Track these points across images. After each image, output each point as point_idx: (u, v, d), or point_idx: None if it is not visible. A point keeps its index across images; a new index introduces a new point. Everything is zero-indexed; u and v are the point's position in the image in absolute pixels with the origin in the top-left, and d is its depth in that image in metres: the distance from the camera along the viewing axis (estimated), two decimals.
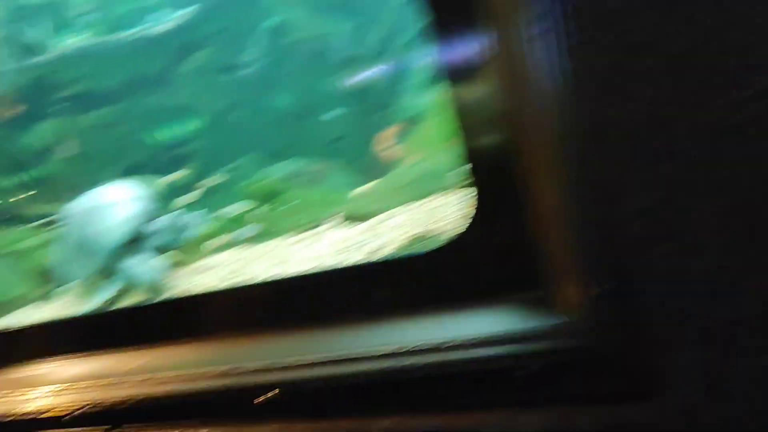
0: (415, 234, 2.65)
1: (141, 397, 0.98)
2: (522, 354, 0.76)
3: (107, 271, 3.12)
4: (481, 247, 0.92)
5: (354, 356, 0.87)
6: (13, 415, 1.07)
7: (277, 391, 0.89)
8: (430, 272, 0.98)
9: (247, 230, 3.68)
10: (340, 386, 0.86)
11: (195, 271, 3.36)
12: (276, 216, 3.73)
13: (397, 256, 2.22)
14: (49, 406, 1.04)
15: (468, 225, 0.92)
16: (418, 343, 0.82)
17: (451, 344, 0.80)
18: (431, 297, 0.97)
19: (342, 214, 3.37)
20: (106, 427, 1.02)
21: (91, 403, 1.01)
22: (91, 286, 3.23)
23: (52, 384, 1.08)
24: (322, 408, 0.88)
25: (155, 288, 3.02)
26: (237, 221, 3.84)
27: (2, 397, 1.11)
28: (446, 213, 2.70)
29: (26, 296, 3.71)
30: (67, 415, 1.02)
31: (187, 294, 1.13)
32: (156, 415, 0.99)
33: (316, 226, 3.41)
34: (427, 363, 0.80)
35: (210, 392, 0.94)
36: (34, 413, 1.05)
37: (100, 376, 1.05)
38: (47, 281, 3.69)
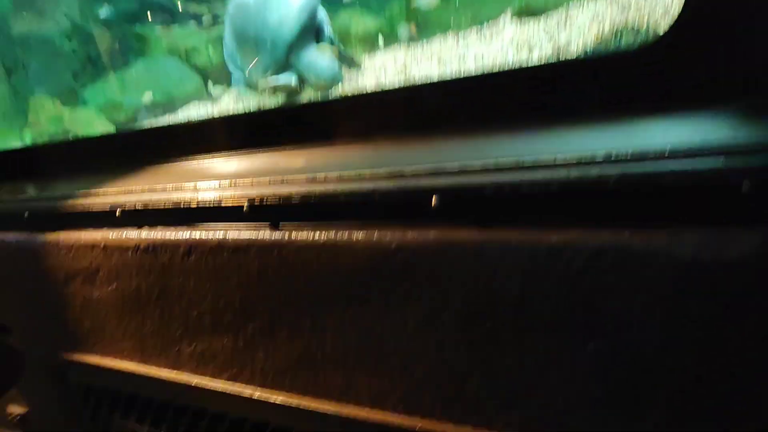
0: (611, 28, 2.30)
1: (301, 196, 0.95)
2: (738, 167, 0.64)
3: (277, 66, 2.93)
4: (688, 46, 0.74)
5: (530, 164, 0.76)
6: (180, 202, 1.10)
7: (436, 197, 0.81)
8: (625, 73, 0.82)
9: (414, 28, 3.41)
10: (509, 195, 0.76)
11: (363, 69, 3.20)
12: (449, 10, 3.45)
13: (587, 54, 1.97)
14: (213, 200, 1.05)
15: (676, 19, 0.74)
16: (610, 152, 0.69)
17: (653, 154, 0.66)
18: (625, 101, 0.82)
19: (521, 5, 3.01)
20: (265, 223, 1.01)
21: (255, 198, 1.00)
22: (259, 82, 3.09)
23: (216, 179, 1.09)
24: (486, 217, 0.80)
25: (323, 84, 2.81)
26: (406, 16, 3.60)
27: (169, 189, 1.14)
28: (649, 4, 2.29)
29: (193, 93, 3.69)
30: (230, 208, 1.03)
31: (352, 92, 1.04)
32: (314, 215, 0.96)
33: (494, 20, 3.08)
34: (622, 174, 0.67)
35: (371, 194, 0.88)
36: (200, 202, 1.07)
37: (262, 174, 1.03)
38: (214, 78, 3.68)
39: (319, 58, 2.76)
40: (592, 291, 0.75)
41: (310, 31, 2.83)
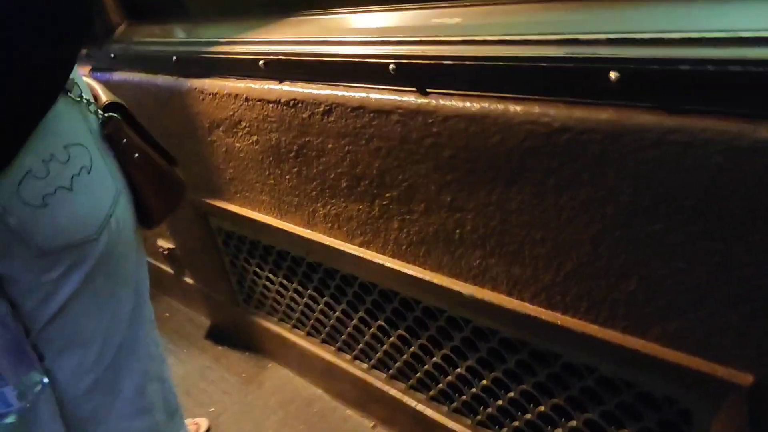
0: None
1: (454, 58, 0.84)
2: None
3: None
4: None
5: (747, 36, 0.60)
6: (324, 56, 1.03)
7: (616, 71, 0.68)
8: None
9: None
10: (712, 75, 0.62)
11: None
12: None
13: None
14: (357, 56, 0.97)
15: None
16: None
17: None
18: None
19: None
20: (411, 87, 0.93)
21: (403, 57, 0.91)
22: None
23: (361, 34, 1.00)
24: (676, 100, 0.66)
25: None
26: None
27: (312, 42, 1.06)
28: None
29: None
30: (375, 66, 0.94)
31: None
32: (468, 83, 0.85)
33: None
34: None
35: (536, 62, 0.76)
36: (344, 58, 1.00)
37: (412, 32, 0.92)
38: None
39: None
40: None
41: None
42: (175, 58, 1.37)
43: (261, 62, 1.17)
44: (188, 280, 2.01)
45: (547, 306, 0.92)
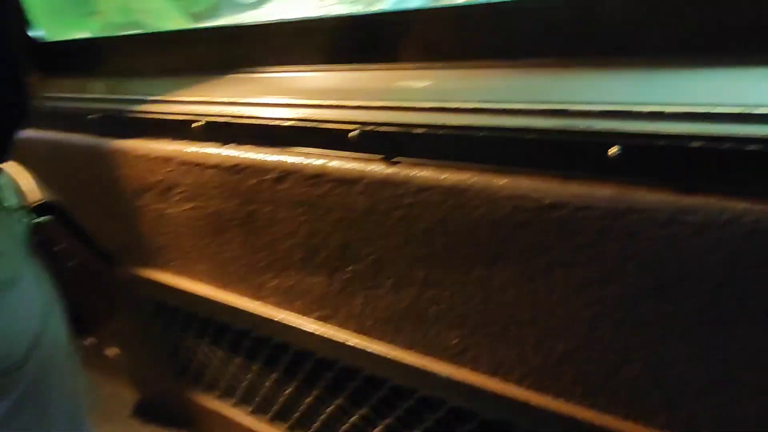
0: None
1: (425, 128, 0.77)
2: None
3: None
4: None
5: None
6: (274, 119, 0.93)
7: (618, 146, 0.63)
8: None
9: None
10: (725, 152, 0.57)
11: None
12: None
13: None
14: (314, 121, 0.88)
15: None
16: None
17: None
18: None
19: None
20: (379, 156, 0.85)
21: (368, 124, 0.83)
22: None
23: (318, 96, 0.91)
24: (682, 176, 0.61)
25: None
26: None
27: (259, 104, 0.97)
28: None
29: None
30: (334, 132, 0.86)
31: (482, 1, 0.83)
32: (442, 153, 0.78)
33: None
34: None
35: (522, 133, 0.70)
36: (299, 122, 0.90)
37: (376, 95, 0.84)
38: None
39: None
40: None
41: None
42: (97, 116, 1.24)
43: (198, 123, 1.06)
44: (112, 351, 1.82)
45: (537, 389, 0.84)
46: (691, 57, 0.68)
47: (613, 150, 0.64)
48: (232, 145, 1.04)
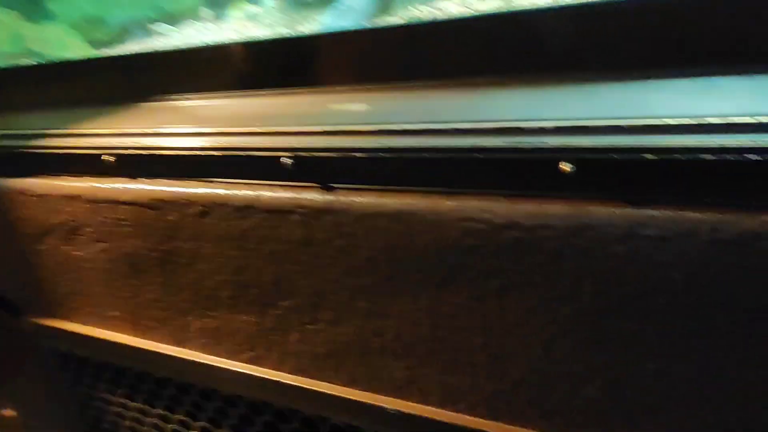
0: None
1: (365, 152, 0.74)
2: None
3: None
4: None
5: (717, 123, 0.57)
6: (203, 149, 0.87)
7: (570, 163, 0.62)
8: None
9: None
10: (683, 163, 0.58)
11: None
12: None
13: None
14: (240, 149, 0.83)
15: None
16: None
17: None
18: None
19: None
20: (313, 184, 0.81)
21: (301, 151, 0.79)
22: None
23: (241, 123, 0.86)
24: (637, 190, 0.62)
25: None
26: None
27: (175, 134, 0.90)
28: None
29: (196, 11, 2.53)
30: (263, 160, 0.81)
31: (423, 20, 0.81)
32: (384, 177, 0.75)
33: None
34: None
35: (470, 153, 0.68)
36: (230, 151, 0.85)
37: (308, 120, 0.80)
38: None
39: None
40: None
41: None
42: None
43: (108, 157, 0.97)
44: (9, 412, 1.64)
45: (490, 417, 0.82)
46: (639, 70, 0.69)
47: (565, 166, 0.63)
48: (146, 179, 0.96)
